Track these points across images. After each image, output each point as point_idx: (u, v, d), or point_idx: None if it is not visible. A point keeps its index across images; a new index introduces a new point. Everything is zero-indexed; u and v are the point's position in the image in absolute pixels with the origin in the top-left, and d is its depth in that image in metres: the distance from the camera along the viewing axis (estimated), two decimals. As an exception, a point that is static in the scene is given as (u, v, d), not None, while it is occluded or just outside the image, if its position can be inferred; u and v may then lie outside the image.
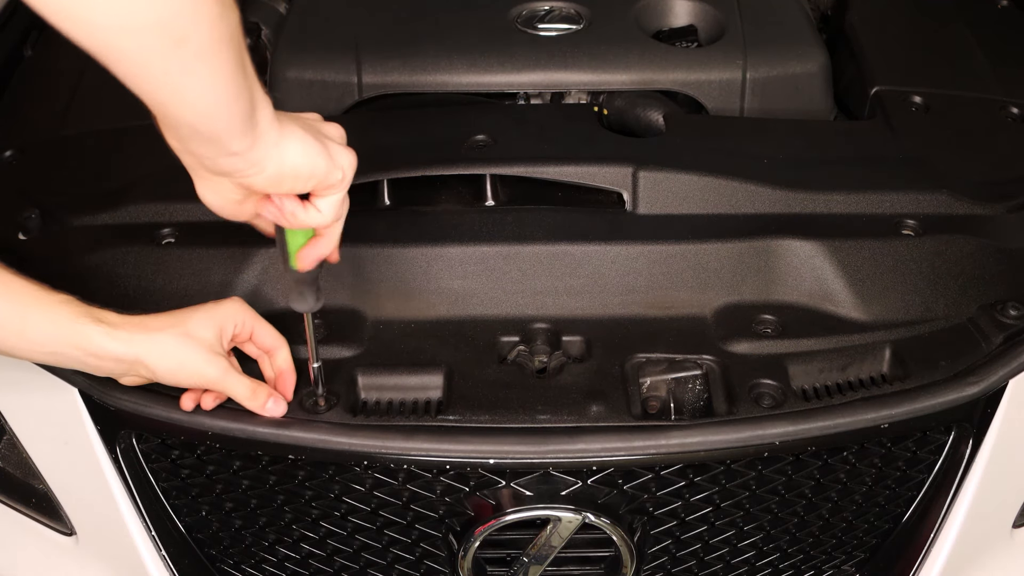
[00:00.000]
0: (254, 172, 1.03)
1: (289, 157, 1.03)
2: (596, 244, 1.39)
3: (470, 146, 1.51)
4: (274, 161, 1.02)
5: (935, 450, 1.38)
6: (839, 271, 1.37)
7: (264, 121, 1.00)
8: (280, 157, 1.03)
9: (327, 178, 1.07)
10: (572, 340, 1.33)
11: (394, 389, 1.27)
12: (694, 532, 1.35)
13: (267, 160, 1.02)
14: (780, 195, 1.45)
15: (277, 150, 1.02)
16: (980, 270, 1.40)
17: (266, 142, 1.01)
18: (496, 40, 1.76)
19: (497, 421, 1.23)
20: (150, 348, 1.15)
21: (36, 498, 1.46)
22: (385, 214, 1.47)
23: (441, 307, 1.36)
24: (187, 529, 1.42)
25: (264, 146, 1.01)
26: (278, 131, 1.02)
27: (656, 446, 1.21)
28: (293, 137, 1.03)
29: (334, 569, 1.42)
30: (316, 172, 1.06)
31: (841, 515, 1.40)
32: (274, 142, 1.02)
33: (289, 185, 1.06)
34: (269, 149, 1.01)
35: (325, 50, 1.75)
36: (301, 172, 1.05)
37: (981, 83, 1.72)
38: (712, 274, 1.38)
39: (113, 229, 1.42)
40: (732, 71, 1.72)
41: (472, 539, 1.30)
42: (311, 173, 1.06)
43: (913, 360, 1.30)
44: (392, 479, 1.28)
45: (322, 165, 1.06)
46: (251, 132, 0.99)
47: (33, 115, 1.69)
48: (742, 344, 1.31)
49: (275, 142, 1.02)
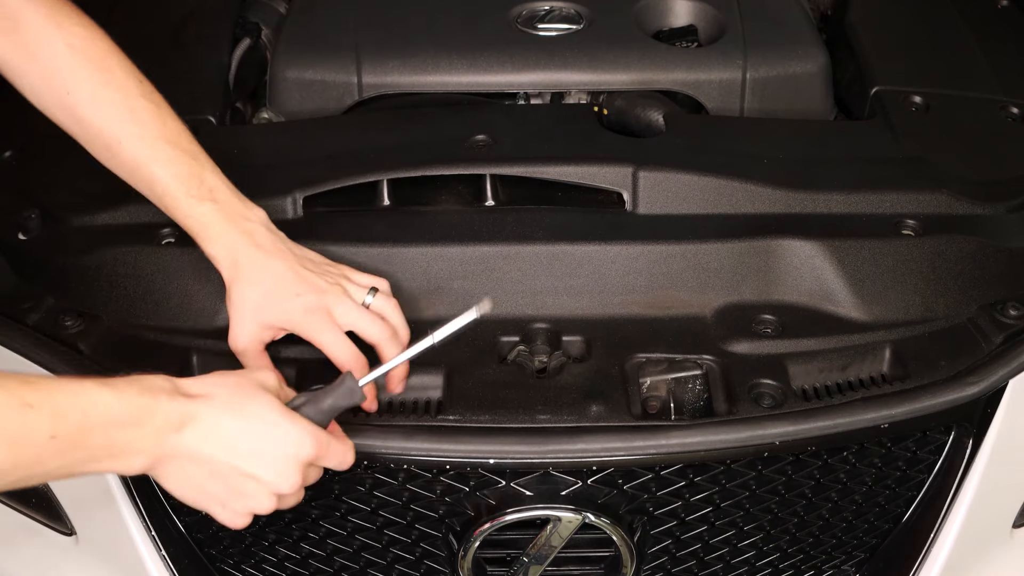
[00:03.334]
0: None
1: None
2: (596, 244, 1.39)
3: (470, 146, 1.51)
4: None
5: (935, 450, 1.38)
6: (839, 271, 1.37)
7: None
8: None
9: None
10: (572, 340, 1.33)
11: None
12: (694, 532, 1.35)
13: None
14: (780, 195, 1.45)
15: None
16: (980, 270, 1.40)
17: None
18: (496, 40, 1.76)
19: (497, 421, 1.23)
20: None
21: (36, 498, 1.46)
22: (385, 214, 1.47)
23: (441, 307, 1.36)
24: (187, 529, 1.42)
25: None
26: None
27: (656, 446, 1.21)
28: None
29: (334, 569, 1.42)
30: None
31: (841, 515, 1.40)
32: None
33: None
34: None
35: (325, 50, 1.75)
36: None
37: (981, 83, 1.72)
38: (712, 274, 1.38)
39: (113, 229, 1.42)
40: (732, 71, 1.72)
41: (472, 539, 1.30)
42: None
43: (913, 360, 1.30)
44: (392, 479, 1.28)
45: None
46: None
47: (33, 115, 1.68)
48: (742, 344, 1.31)
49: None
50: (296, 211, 1.43)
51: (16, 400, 0.90)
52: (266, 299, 1.18)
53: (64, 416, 0.92)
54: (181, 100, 1.62)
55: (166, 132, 1.23)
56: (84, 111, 1.23)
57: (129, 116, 1.23)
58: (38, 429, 0.91)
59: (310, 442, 1.04)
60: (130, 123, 1.23)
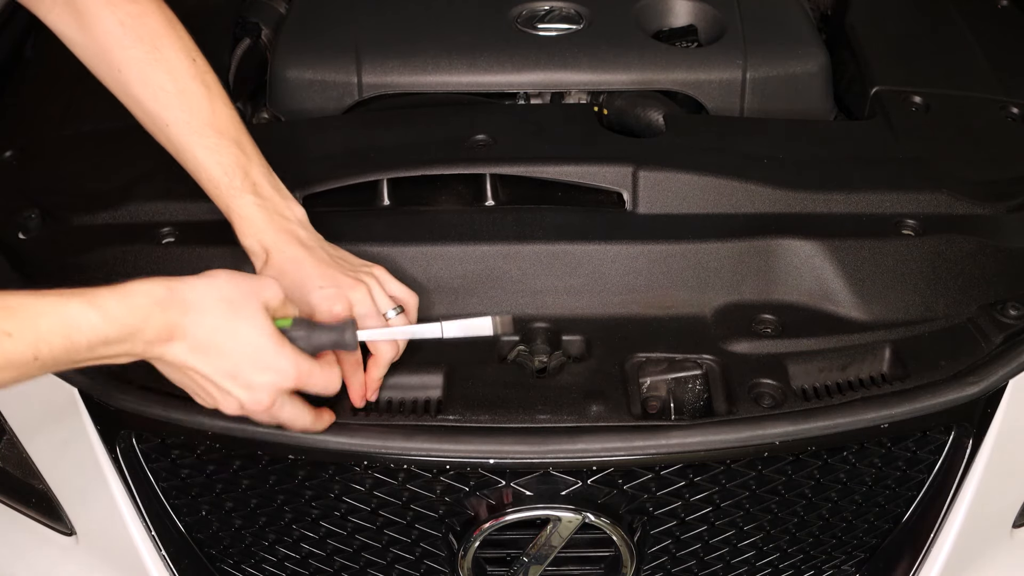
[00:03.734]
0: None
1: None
2: (596, 244, 1.39)
3: (470, 146, 1.51)
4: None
5: (935, 450, 1.38)
6: (839, 271, 1.37)
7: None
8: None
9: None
10: (572, 340, 1.33)
11: (394, 388, 1.27)
12: (694, 532, 1.35)
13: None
14: (780, 195, 1.45)
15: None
16: (980, 270, 1.40)
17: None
18: (496, 40, 1.76)
19: (497, 420, 1.23)
20: None
21: (36, 498, 1.46)
22: (385, 213, 1.47)
23: (441, 306, 1.36)
24: (187, 529, 1.42)
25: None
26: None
27: (656, 446, 1.21)
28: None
29: (334, 569, 1.42)
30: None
31: (841, 515, 1.40)
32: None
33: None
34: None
35: (325, 50, 1.75)
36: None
37: (981, 83, 1.72)
38: (712, 274, 1.38)
39: (113, 228, 1.42)
40: (732, 71, 1.72)
41: (472, 539, 1.30)
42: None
43: (913, 360, 1.30)
44: (392, 479, 1.28)
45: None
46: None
47: (33, 115, 1.69)
48: (742, 344, 1.31)
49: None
50: (296, 210, 1.43)
51: None
52: (290, 290, 1.18)
53: (46, 341, 0.93)
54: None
55: (215, 119, 1.23)
56: (135, 91, 1.24)
57: (178, 100, 1.23)
58: (20, 355, 0.92)
59: (291, 373, 1.07)
60: (178, 108, 1.23)
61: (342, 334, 1.12)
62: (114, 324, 0.97)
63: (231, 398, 1.06)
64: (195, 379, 1.06)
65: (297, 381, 1.08)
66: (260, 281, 1.09)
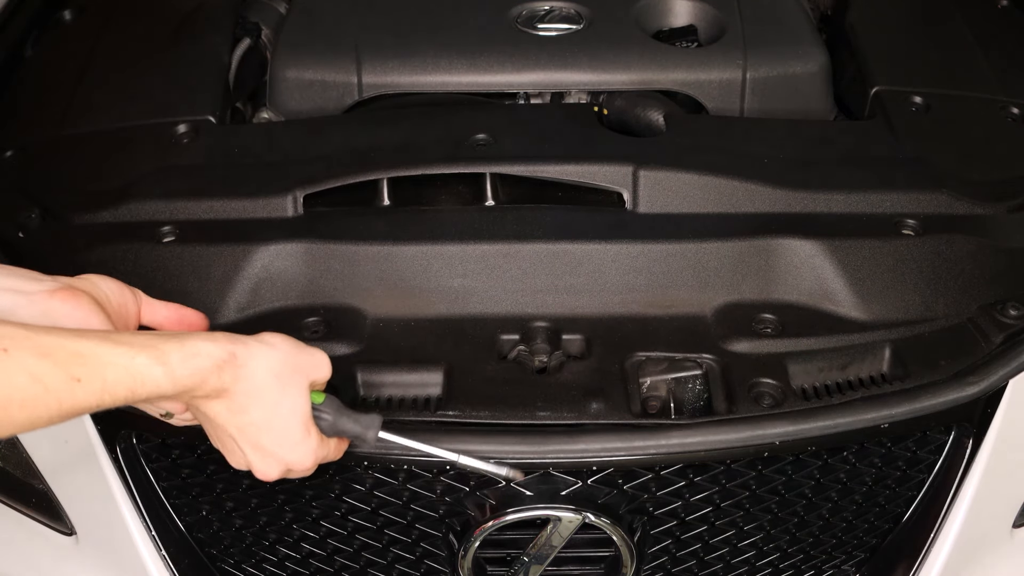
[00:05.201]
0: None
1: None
2: (596, 243, 1.39)
3: (470, 145, 1.51)
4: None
5: (935, 450, 1.38)
6: (839, 271, 1.37)
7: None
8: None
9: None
10: (572, 339, 1.33)
11: (394, 386, 1.27)
12: (694, 532, 1.35)
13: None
14: (780, 195, 1.45)
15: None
16: (980, 270, 1.40)
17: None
18: (496, 40, 1.77)
19: (497, 417, 1.23)
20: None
21: (36, 498, 1.46)
22: (385, 213, 1.47)
23: (441, 305, 1.36)
24: (187, 529, 1.42)
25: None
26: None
27: (656, 446, 1.21)
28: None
29: (334, 569, 1.42)
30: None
31: (841, 515, 1.40)
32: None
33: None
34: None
35: (325, 50, 1.75)
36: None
37: (981, 83, 1.72)
38: (712, 273, 1.38)
39: (113, 227, 1.42)
40: (732, 71, 1.72)
41: (472, 539, 1.30)
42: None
43: (913, 360, 1.30)
44: (392, 479, 1.28)
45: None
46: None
47: (33, 115, 1.69)
48: (742, 343, 1.31)
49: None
50: (296, 210, 1.43)
51: (65, 374, 0.90)
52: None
53: (110, 392, 0.93)
54: (181, 100, 1.64)
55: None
56: None
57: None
58: (85, 401, 0.92)
59: (306, 463, 1.09)
60: None
61: (365, 431, 1.11)
62: (176, 384, 0.98)
63: (243, 458, 1.08)
64: (214, 431, 1.08)
65: (307, 469, 1.10)
66: (313, 358, 1.09)
